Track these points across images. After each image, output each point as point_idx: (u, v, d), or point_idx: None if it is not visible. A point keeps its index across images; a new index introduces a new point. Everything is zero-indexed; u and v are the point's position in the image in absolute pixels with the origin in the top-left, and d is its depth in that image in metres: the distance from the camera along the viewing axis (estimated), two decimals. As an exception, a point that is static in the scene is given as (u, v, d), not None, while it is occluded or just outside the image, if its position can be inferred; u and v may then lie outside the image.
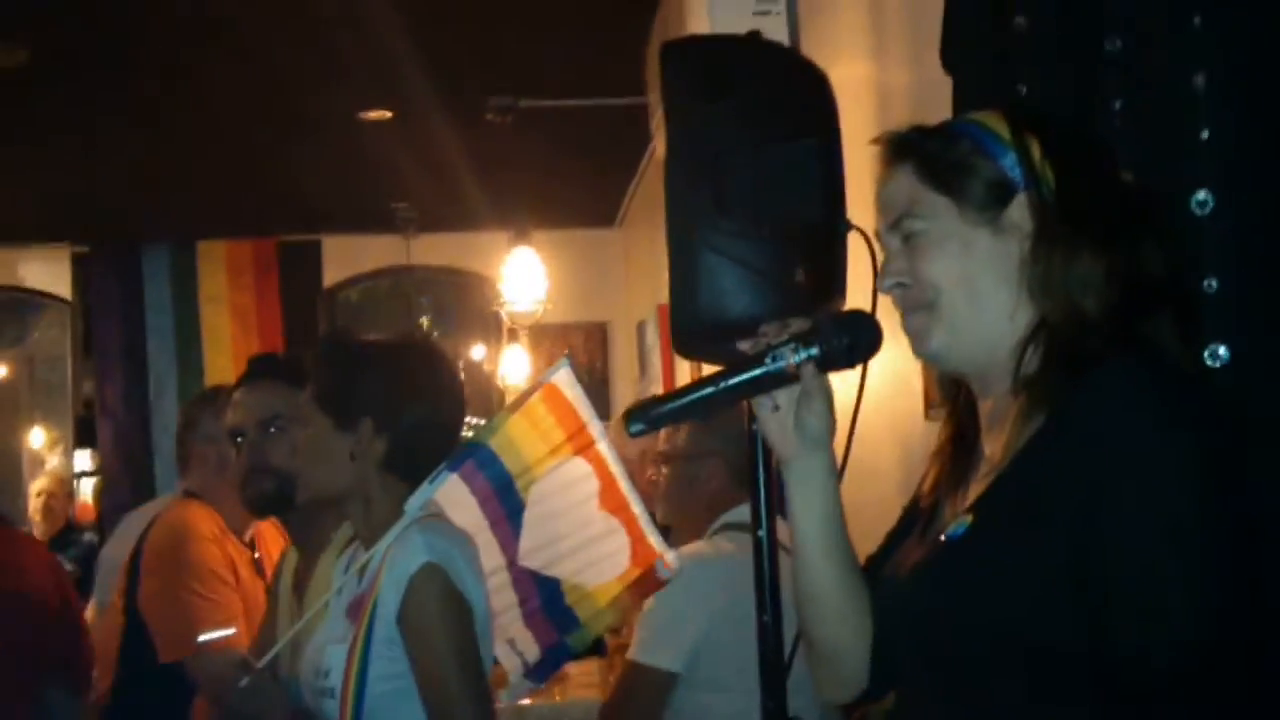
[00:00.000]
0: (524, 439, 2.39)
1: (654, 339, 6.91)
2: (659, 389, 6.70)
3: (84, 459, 8.93)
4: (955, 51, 2.27)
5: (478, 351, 9.60)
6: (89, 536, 6.89)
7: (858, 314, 1.55)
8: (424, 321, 9.08)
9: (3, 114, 5.74)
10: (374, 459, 2.30)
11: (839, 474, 1.59)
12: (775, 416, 1.54)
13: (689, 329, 2.56)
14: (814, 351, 1.50)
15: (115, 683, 3.15)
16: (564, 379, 2.42)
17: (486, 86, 5.66)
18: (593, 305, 8.75)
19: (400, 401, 2.32)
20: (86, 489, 8.68)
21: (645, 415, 1.51)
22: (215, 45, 5.20)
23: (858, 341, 1.52)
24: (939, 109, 2.22)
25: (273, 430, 2.82)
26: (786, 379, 1.51)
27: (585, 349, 8.84)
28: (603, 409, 8.59)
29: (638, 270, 7.49)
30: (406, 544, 2.18)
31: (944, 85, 2.27)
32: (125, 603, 3.15)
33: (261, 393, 2.87)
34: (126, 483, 8.29)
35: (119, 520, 6.57)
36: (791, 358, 1.50)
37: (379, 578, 2.19)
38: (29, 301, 9.23)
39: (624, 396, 8.59)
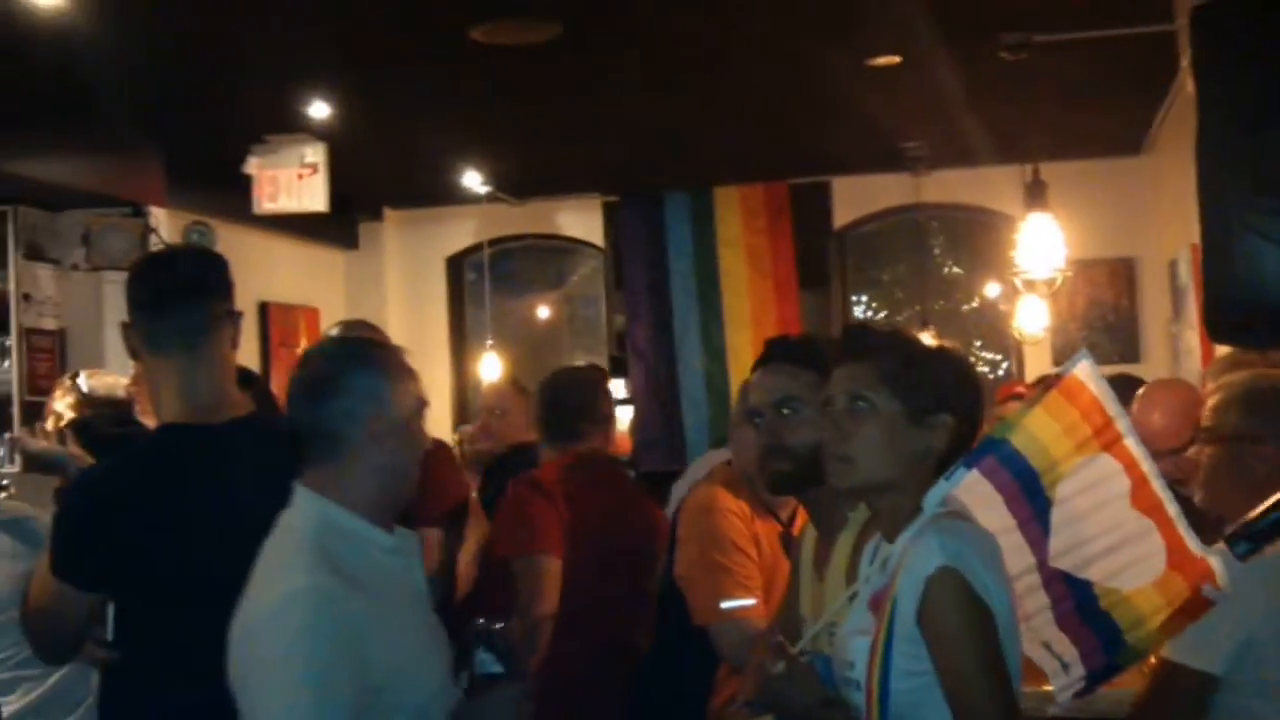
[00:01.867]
0: (1046, 434, 2.31)
1: (1188, 279, 6.42)
2: (1195, 334, 6.26)
3: (617, 390, 9.51)
4: None
5: (992, 289, 9.37)
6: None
7: None
8: (937, 255, 8.96)
9: (540, 83, 6.20)
10: (937, 456, 2.30)
11: None
12: None
13: (1224, 314, 2.40)
14: None
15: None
16: (1085, 371, 2.31)
17: (998, 23, 5.46)
18: (1117, 240, 8.19)
19: (973, 404, 2.34)
20: (621, 418, 9.24)
21: (1248, 534, 1.47)
22: (725, 10, 5.36)
23: None
24: None
25: (786, 411, 2.90)
26: None
27: (1110, 287, 8.30)
28: (1132, 353, 8.17)
29: (1169, 202, 6.97)
30: (923, 544, 2.17)
31: None
32: (665, 567, 3.44)
33: (776, 375, 2.94)
34: (656, 418, 8.81)
35: (649, 454, 7.05)
36: None
37: (897, 575, 2.20)
38: (567, 248, 9.98)
39: (1155, 339, 8.04)
